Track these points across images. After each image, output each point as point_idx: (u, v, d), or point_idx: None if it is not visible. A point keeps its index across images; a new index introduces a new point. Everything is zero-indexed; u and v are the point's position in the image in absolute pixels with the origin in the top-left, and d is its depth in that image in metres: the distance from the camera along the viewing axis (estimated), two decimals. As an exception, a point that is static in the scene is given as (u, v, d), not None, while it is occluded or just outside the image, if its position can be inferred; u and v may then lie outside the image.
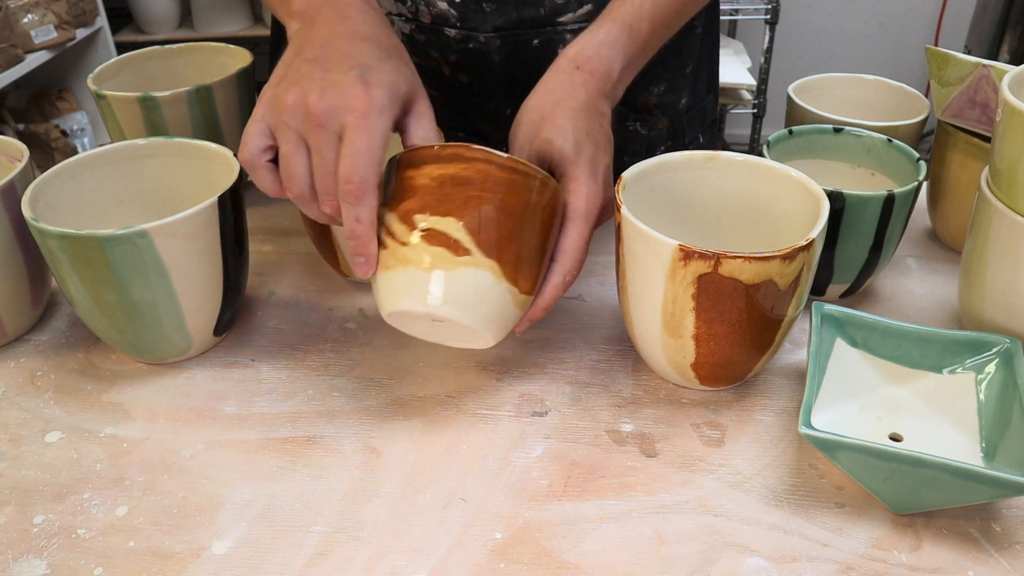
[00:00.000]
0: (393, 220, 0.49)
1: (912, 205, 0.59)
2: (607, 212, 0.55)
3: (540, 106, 0.55)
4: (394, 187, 0.49)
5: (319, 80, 0.47)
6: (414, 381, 0.57)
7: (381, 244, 0.49)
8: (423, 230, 0.48)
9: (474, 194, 0.48)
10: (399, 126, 0.51)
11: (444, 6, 0.69)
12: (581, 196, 0.52)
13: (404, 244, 0.48)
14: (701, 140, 0.85)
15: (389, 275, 0.49)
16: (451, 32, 0.70)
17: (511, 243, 0.48)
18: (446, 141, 0.52)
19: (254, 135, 0.49)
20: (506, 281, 0.48)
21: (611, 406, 0.55)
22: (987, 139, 0.62)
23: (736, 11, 2.45)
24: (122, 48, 2.43)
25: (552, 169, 0.54)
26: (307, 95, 0.47)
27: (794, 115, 0.71)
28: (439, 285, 0.47)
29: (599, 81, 0.56)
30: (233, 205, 0.56)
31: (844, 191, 0.56)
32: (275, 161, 0.50)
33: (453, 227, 0.47)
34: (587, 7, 0.69)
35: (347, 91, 0.47)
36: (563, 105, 0.55)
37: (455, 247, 0.47)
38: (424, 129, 0.51)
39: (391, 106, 0.48)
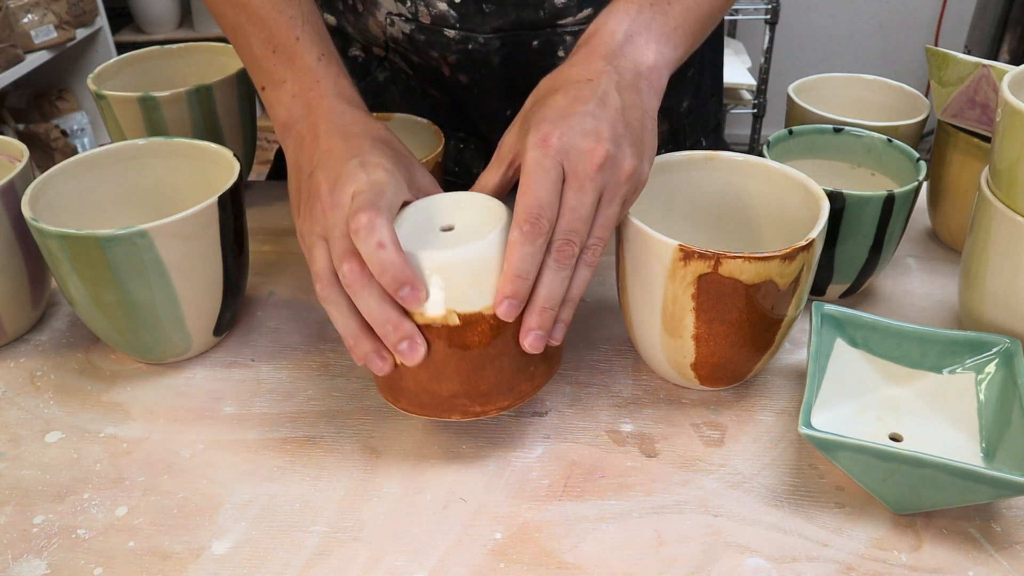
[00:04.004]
0: None
1: (912, 205, 0.59)
2: (616, 168, 0.46)
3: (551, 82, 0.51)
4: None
5: (326, 182, 0.47)
6: (414, 381, 0.57)
7: None
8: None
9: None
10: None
11: (444, 7, 0.69)
12: (530, 141, 0.45)
13: None
14: (703, 144, 0.85)
15: None
16: (451, 33, 0.70)
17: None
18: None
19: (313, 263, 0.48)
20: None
21: (611, 406, 0.55)
22: (987, 139, 0.62)
23: (736, 11, 2.45)
24: (122, 48, 2.43)
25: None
26: (320, 197, 0.47)
27: (794, 115, 0.71)
28: None
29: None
30: (233, 205, 0.56)
31: (844, 191, 0.56)
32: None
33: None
34: (587, 10, 0.69)
35: (349, 178, 0.46)
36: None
37: None
38: (426, 180, 0.51)
39: (391, 183, 0.47)
